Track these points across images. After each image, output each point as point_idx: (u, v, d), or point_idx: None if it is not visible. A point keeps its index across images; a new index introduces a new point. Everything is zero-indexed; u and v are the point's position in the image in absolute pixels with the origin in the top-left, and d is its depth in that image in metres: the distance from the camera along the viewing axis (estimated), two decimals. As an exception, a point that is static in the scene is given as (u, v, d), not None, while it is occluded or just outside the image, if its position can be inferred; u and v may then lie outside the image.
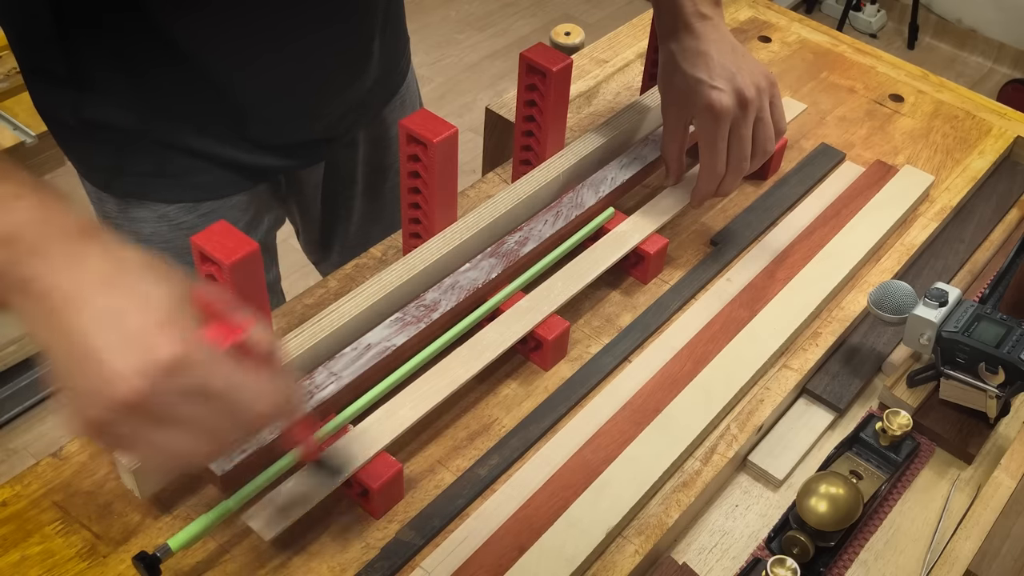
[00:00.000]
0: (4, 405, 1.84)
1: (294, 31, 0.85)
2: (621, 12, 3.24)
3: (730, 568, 0.72)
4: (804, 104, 1.07)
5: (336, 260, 1.18)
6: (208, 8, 0.79)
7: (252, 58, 0.84)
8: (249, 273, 0.65)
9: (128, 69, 0.82)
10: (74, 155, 0.92)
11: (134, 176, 0.89)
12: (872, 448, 0.78)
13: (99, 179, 0.91)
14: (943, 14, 3.21)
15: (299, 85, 0.89)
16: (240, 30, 0.82)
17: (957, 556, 0.71)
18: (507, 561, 0.68)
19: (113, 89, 0.84)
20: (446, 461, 0.75)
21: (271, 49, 0.85)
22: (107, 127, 0.86)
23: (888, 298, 0.80)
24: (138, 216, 0.91)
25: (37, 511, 0.69)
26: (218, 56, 0.83)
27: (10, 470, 1.77)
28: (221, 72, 0.84)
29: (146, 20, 0.78)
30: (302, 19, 0.85)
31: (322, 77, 0.91)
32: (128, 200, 0.91)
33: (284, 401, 0.54)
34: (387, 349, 0.73)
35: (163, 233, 0.92)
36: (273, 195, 1.02)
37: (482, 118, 1.12)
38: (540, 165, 0.87)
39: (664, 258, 0.90)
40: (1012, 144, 1.09)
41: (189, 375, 0.49)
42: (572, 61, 0.82)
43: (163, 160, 0.89)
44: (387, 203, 1.13)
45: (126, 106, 0.85)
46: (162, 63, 0.82)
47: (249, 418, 0.52)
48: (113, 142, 0.87)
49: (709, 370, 0.81)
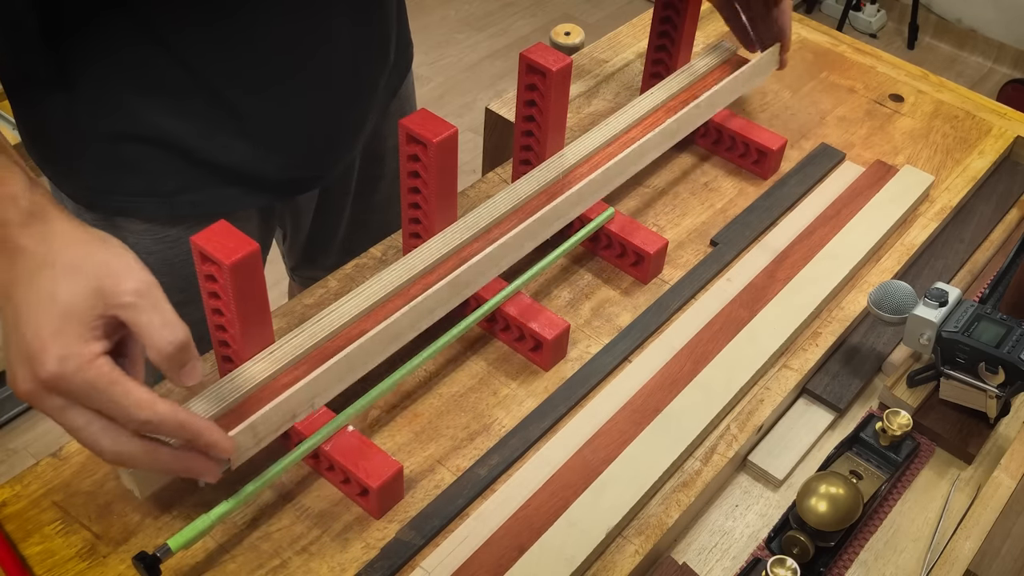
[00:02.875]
0: (4, 405, 1.84)
1: (304, 53, 0.85)
2: (621, 12, 3.24)
3: (730, 568, 0.72)
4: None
5: (320, 267, 1.16)
6: (212, 25, 0.79)
7: (263, 84, 0.84)
8: (249, 273, 0.65)
9: (120, 74, 0.81)
10: (59, 174, 0.89)
11: (121, 195, 0.87)
12: (872, 448, 0.78)
13: (84, 197, 0.89)
14: (943, 14, 3.21)
15: (308, 109, 0.88)
16: (249, 53, 0.82)
17: (957, 556, 0.71)
18: (507, 561, 0.68)
19: (106, 95, 0.82)
20: (446, 461, 0.75)
21: (278, 75, 0.84)
22: (98, 136, 0.84)
23: (888, 298, 0.80)
24: (122, 226, 0.89)
25: (37, 511, 0.69)
26: (222, 73, 0.82)
27: (10, 470, 1.77)
28: (225, 88, 0.83)
29: (142, 32, 0.78)
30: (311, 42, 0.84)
31: (332, 99, 0.90)
32: (113, 218, 0.89)
33: (167, 411, 0.57)
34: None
35: (146, 245, 0.90)
36: (269, 211, 1.01)
37: (482, 118, 1.12)
38: (540, 165, 0.87)
39: (664, 258, 0.90)
40: (1012, 144, 1.09)
41: (64, 390, 0.56)
42: (572, 61, 0.82)
43: (155, 177, 0.86)
44: (375, 213, 1.12)
45: (119, 113, 0.83)
46: (156, 68, 0.81)
47: (132, 427, 0.57)
48: (103, 154, 0.85)
49: (709, 370, 0.81)
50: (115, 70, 0.80)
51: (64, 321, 0.55)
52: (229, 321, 0.68)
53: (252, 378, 0.69)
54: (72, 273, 0.56)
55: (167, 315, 0.57)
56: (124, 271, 0.57)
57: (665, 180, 1.01)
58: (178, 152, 0.85)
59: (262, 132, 0.87)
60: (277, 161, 0.90)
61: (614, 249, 0.90)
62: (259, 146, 0.88)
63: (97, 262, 0.57)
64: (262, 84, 0.84)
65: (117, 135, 0.84)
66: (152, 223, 0.89)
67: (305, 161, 0.93)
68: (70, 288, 0.56)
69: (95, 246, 0.58)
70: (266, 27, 0.82)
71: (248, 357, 0.70)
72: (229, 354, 0.70)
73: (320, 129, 0.92)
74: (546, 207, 0.83)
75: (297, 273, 1.24)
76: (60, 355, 0.55)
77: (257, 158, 0.88)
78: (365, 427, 0.76)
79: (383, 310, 0.75)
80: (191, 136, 0.85)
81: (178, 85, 0.82)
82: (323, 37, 0.86)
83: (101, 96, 0.82)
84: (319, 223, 1.11)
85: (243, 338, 0.68)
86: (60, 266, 0.57)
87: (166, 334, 0.57)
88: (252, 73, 0.84)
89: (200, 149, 0.86)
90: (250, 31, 0.81)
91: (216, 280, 0.66)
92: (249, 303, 0.67)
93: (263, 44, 0.82)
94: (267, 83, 0.85)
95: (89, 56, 0.80)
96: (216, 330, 0.70)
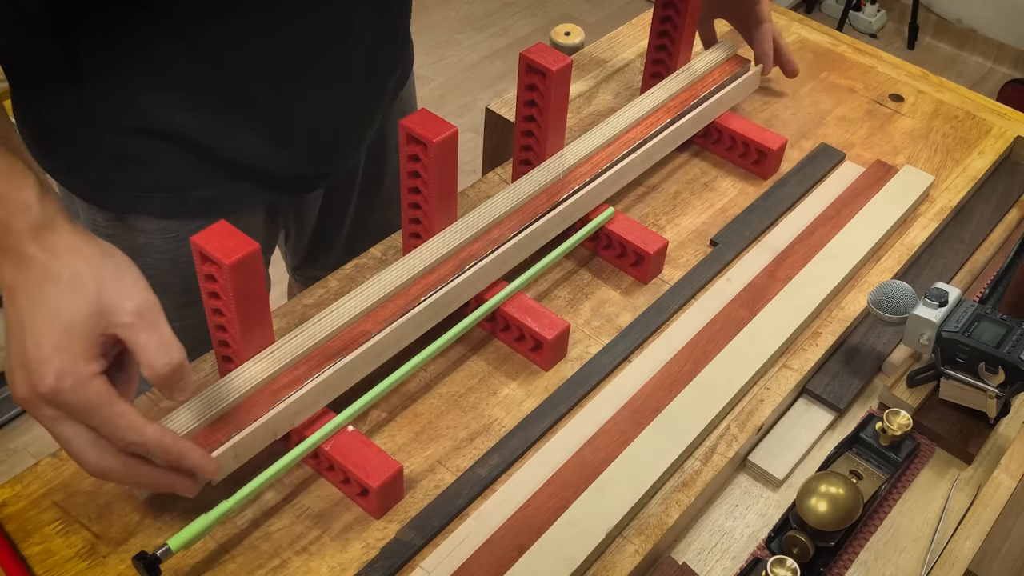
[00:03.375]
0: (4, 405, 1.84)
1: (319, 46, 0.85)
2: (621, 12, 3.24)
3: (730, 568, 0.72)
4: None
5: (321, 266, 1.16)
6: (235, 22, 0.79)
7: (284, 77, 0.84)
8: (249, 273, 0.65)
9: (137, 68, 0.80)
10: (66, 171, 0.89)
11: (131, 191, 0.87)
12: (872, 448, 0.78)
13: (92, 194, 0.88)
14: (943, 14, 3.21)
15: (323, 104, 0.89)
16: (264, 45, 0.82)
17: (957, 556, 0.71)
18: (507, 561, 0.68)
19: (120, 89, 0.81)
20: (446, 461, 0.75)
21: (298, 70, 0.85)
22: (110, 131, 0.83)
23: (888, 298, 0.80)
24: (135, 226, 0.89)
25: (37, 511, 0.69)
26: (244, 66, 0.82)
27: (10, 470, 1.77)
28: (247, 82, 0.83)
29: (161, 25, 0.78)
30: (329, 35, 0.84)
31: (346, 95, 0.90)
32: (124, 214, 0.89)
33: (154, 434, 0.60)
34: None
35: (158, 244, 0.90)
36: (276, 210, 1.01)
37: (482, 118, 1.12)
38: (540, 165, 0.87)
39: (664, 258, 0.90)
40: (1012, 144, 1.09)
41: (59, 404, 0.57)
42: (572, 61, 0.82)
43: (166, 172, 0.86)
44: (376, 212, 1.12)
45: (133, 107, 0.82)
46: (175, 63, 0.80)
47: (119, 445, 0.59)
48: (114, 149, 0.84)
49: (709, 370, 0.81)
50: (131, 64, 0.80)
51: (65, 337, 0.57)
52: (229, 321, 0.68)
53: (252, 379, 0.69)
54: (76, 289, 0.58)
55: (165, 336, 0.59)
56: (126, 290, 0.59)
57: (665, 180, 1.01)
58: (190, 147, 0.85)
59: (276, 127, 0.87)
60: (288, 157, 0.90)
61: (614, 249, 0.90)
62: (272, 141, 0.88)
63: (101, 278, 0.59)
64: (283, 78, 0.85)
65: (129, 129, 0.83)
66: (164, 220, 0.89)
67: (314, 158, 0.93)
68: (73, 304, 0.58)
69: (100, 261, 0.60)
70: (290, 20, 0.82)
71: (248, 357, 0.70)
72: (229, 354, 0.70)
73: (330, 125, 0.92)
74: (548, 214, 0.83)
75: (299, 273, 1.25)
76: (59, 371, 0.56)
77: (269, 154, 0.88)
78: (365, 427, 0.76)
79: (383, 310, 0.75)
80: (204, 131, 0.85)
81: (196, 79, 0.82)
82: (347, 31, 0.86)
83: (115, 90, 0.81)
84: (323, 222, 1.12)
85: (243, 338, 0.68)
86: (65, 280, 0.58)
87: (162, 356, 0.59)
88: (274, 67, 0.84)
89: (213, 144, 0.86)
90: (274, 24, 0.81)
91: (216, 280, 0.66)
92: (249, 303, 0.67)
93: (286, 38, 0.83)
94: (288, 77, 0.85)
95: (104, 50, 0.79)
96: (216, 330, 0.70)
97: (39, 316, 0.57)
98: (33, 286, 0.58)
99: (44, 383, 0.56)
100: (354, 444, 0.71)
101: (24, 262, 0.59)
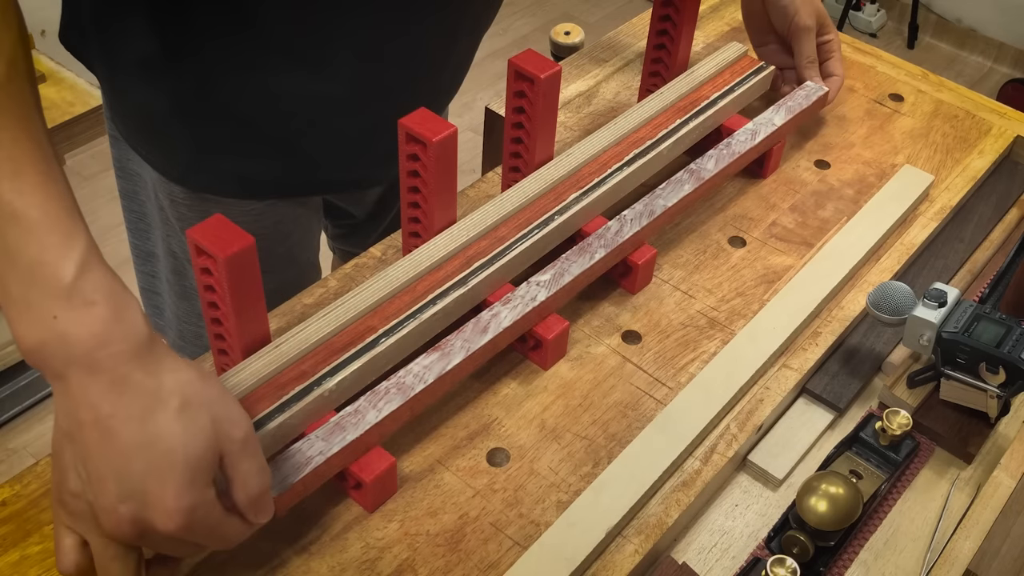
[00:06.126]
0: (4, 405, 1.84)
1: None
2: (621, 12, 3.24)
3: (730, 568, 0.72)
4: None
5: (359, 245, 1.23)
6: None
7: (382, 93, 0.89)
8: (244, 267, 0.65)
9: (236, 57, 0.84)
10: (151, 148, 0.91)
11: (211, 174, 0.91)
12: (872, 448, 0.78)
13: (174, 172, 0.91)
14: (943, 14, 3.21)
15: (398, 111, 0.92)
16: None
17: (957, 556, 0.71)
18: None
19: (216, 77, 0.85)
20: (446, 461, 0.75)
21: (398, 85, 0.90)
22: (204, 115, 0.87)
23: (886, 299, 0.80)
24: (209, 199, 0.93)
25: (37, 511, 0.69)
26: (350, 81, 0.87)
27: (10, 470, 1.77)
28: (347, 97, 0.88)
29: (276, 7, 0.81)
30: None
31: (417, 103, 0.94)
32: (201, 192, 0.92)
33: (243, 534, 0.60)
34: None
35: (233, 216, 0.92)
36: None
37: (482, 118, 1.12)
38: (532, 173, 0.86)
39: (653, 268, 0.89)
40: (1012, 144, 1.09)
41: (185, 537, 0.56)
42: (561, 68, 0.81)
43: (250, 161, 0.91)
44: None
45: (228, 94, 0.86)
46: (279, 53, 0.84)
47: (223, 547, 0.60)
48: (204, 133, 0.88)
49: (709, 370, 0.81)
50: (232, 52, 0.83)
51: (190, 471, 0.54)
52: (224, 315, 0.68)
53: (250, 375, 0.69)
54: (192, 420, 0.55)
55: (261, 462, 0.59)
56: (235, 416, 0.58)
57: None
58: (276, 138, 0.90)
59: (363, 133, 0.92)
60: (365, 162, 0.97)
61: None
62: (353, 145, 0.93)
63: (210, 407, 0.56)
64: (382, 91, 0.90)
65: (223, 115, 0.87)
66: (237, 199, 0.94)
67: (373, 161, 0.98)
68: (191, 434, 0.55)
69: (201, 386, 0.57)
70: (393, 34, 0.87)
71: (243, 351, 0.70)
72: (224, 348, 0.71)
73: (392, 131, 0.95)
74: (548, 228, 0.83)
75: (338, 245, 1.32)
76: (191, 506, 0.55)
77: (349, 157, 0.94)
78: (365, 427, 0.76)
79: (384, 310, 0.75)
80: (295, 127, 0.89)
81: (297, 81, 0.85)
82: (448, 52, 0.95)
83: (212, 77, 0.85)
84: (371, 213, 1.19)
85: (238, 333, 0.68)
86: (175, 408, 0.55)
87: (257, 482, 0.58)
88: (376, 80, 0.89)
89: (296, 138, 0.90)
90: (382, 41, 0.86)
91: (211, 274, 0.66)
92: (244, 297, 0.67)
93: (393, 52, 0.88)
94: (386, 91, 0.90)
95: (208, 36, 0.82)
96: (212, 324, 0.70)
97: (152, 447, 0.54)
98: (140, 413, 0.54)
99: (173, 521, 0.54)
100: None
101: (122, 384, 0.54)
